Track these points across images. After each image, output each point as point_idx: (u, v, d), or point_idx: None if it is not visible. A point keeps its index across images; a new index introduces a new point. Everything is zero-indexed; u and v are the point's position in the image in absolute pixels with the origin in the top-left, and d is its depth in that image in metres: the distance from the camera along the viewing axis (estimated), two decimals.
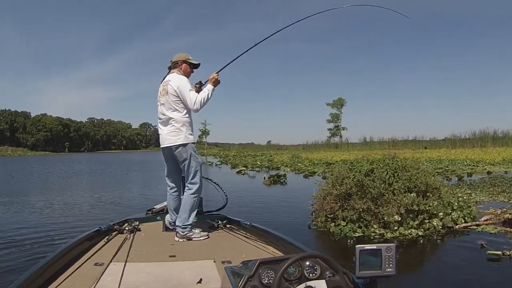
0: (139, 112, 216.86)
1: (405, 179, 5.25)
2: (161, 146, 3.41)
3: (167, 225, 3.51)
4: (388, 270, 1.50)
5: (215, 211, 3.89)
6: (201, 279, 2.11)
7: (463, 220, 5.23)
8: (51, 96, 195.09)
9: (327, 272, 1.62)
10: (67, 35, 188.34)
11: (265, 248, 2.73)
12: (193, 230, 3.21)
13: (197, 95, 3.29)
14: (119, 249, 2.75)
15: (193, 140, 3.37)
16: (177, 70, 3.41)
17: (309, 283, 1.54)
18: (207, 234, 3.23)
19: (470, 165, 15.70)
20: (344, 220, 5.16)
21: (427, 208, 5.00)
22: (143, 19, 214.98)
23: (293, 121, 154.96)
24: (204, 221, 3.59)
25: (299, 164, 20.04)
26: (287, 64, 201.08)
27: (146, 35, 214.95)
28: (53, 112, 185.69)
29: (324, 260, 1.63)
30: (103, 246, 2.86)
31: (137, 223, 3.46)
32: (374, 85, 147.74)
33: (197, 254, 2.72)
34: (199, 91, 3.37)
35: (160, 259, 2.59)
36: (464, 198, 6.06)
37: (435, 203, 5.12)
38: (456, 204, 5.46)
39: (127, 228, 3.31)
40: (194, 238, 3.16)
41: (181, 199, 3.41)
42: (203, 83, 3.46)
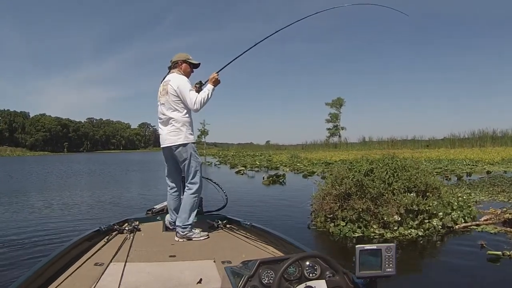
0: (138, 112, 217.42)
1: (404, 179, 5.25)
2: (161, 146, 3.42)
3: (167, 225, 3.51)
4: (388, 270, 1.50)
5: (215, 211, 3.89)
6: (201, 279, 2.11)
7: (463, 220, 5.23)
8: (51, 96, 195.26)
9: (327, 272, 1.62)
10: (67, 35, 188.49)
11: (265, 248, 2.73)
12: (193, 230, 3.21)
13: (197, 95, 3.29)
14: (119, 249, 2.75)
15: (193, 140, 3.37)
16: (177, 70, 3.41)
17: (309, 283, 1.54)
18: (207, 234, 3.23)
19: (469, 164, 15.71)
20: (344, 220, 5.16)
21: (426, 208, 5.00)
22: (143, 19, 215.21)
23: (292, 121, 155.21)
24: (204, 221, 3.59)
25: (298, 164, 20.03)
26: (287, 64, 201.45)
27: (146, 35, 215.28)
28: (52, 112, 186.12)
29: (324, 260, 1.63)
30: (103, 246, 2.86)
31: (137, 223, 3.46)
32: (374, 84, 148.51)
33: (197, 254, 2.72)
34: (199, 91, 3.37)
35: (160, 259, 2.59)
36: (464, 198, 6.05)
37: (435, 203, 5.11)
38: (456, 204, 5.46)
39: (127, 228, 3.31)
40: (194, 238, 3.16)
41: (181, 199, 3.41)
42: (203, 83, 3.46)
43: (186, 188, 3.35)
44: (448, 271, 3.71)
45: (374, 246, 1.51)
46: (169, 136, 3.30)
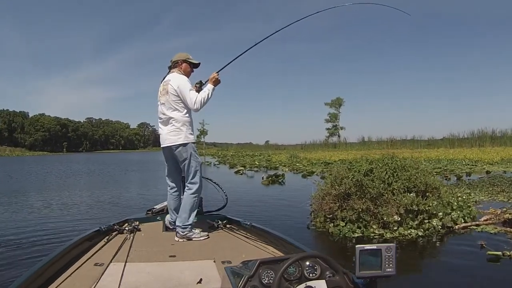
0: (137, 112, 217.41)
1: (404, 179, 5.25)
2: (161, 146, 3.42)
3: (167, 225, 3.51)
4: (388, 270, 1.50)
5: (215, 211, 3.89)
6: (201, 279, 2.10)
7: (463, 220, 5.24)
8: (51, 96, 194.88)
9: (327, 272, 1.62)
10: (67, 35, 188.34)
11: (265, 248, 2.73)
12: (193, 230, 3.21)
13: (197, 94, 3.29)
14: (119, 249, 2.75)
15: (193, 140, 3.37)
16: (177, 69, 3.41)
17: (309, 283, 1.54)
18: (207, 234, 3.23)
19: (469, 164, 15.72)
20: (343, 220, 5.15)
21: (426, 208, 5.00)
22: (143, 19, 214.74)
23: (291, 121, 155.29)
24: (204, 221, 3.59)
25: (297, 164, 20.03)
26: (287, 63, 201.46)
27: (145, 35, 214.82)
28: (52, 112, 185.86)
29: (324, 260, 1.63)
30: (103, 246, 2.86)
31: (137, 223, 3.46)
32: (374, 84, 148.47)
33: (197, 254, 2.72)
34: (199, 90, 3.37)
35: (160, 259, 2.59)
36: (464, 197, 6.06)
37: (435, 203, 5.11)
38: (456, 204, 5.46)
39: (127, 228, 3.31)
40: (194, 238, 3.16)
41: (181, 199, 3.41)
42: (203, 83, 3.46)
43: (186, 188, 3.35)
44: (448, 271, 3.71)
45: (374, 246, 1.51)
46: (169, 136, 3.30)
